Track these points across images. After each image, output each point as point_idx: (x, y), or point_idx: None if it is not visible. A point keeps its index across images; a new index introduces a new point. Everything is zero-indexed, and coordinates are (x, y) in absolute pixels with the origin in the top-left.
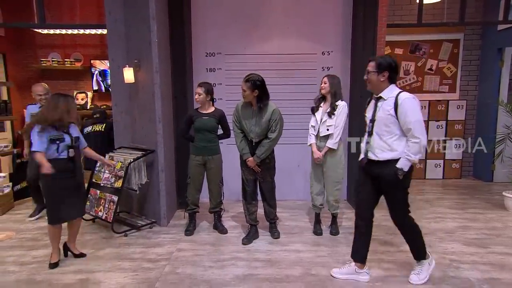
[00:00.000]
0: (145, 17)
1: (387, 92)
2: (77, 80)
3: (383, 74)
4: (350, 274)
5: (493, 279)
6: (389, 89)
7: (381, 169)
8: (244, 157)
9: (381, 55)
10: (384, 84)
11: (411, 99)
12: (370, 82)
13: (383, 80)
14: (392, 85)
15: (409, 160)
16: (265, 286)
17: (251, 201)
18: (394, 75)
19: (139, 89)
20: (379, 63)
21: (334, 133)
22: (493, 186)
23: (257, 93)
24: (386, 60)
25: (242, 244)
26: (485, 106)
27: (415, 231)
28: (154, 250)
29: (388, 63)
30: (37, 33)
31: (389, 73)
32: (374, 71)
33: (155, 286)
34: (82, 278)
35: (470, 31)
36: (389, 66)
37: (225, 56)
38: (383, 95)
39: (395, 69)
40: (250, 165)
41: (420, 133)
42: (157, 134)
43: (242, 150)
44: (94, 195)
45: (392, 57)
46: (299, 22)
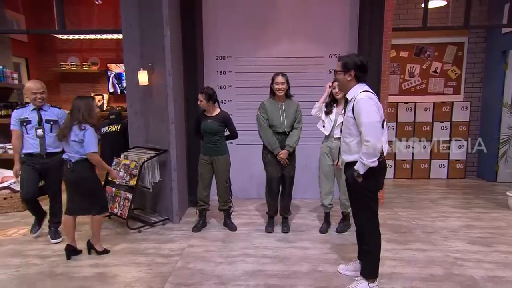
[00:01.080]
0: (158, 23)
1: (352, 92)
2: (94, 83)
3: (350, 73)
4: (356, 271)
5: (497, 277)
6: (354, 88)
7: (346, 171)
8: (275, 151)
9: (349, 54)
10: (351, 83)
11: (366, 99)
12: (338, 81)
13: (350, 80)
14: (358, 85)
15: (362, 164)
16: (273, 281)
17: (275, 196)
18: (361, 74)
19: (153, 91)
20: (345, 63)
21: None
22: (497, 186)
23: (287, 87)
24: (352, 59)
25: (266, 232)
26: (489, 108)
27: (374, 243)
28: (167, 245)
29: (354, 61)
30: (57, 38)
31: (355, 72)
32: (340, 70)
33: (168, 280)
34: (99, 272)
35: (474, 34)
36: (355, 65)
37: (235, 59)
38: (348, 96)
39: (361, 68)
40: (283, 157)
41: (371, 135)
42: (169, 134)
43: (274, 143)
44: (110, 193)
45: (360, 56)
46: (307, 26)
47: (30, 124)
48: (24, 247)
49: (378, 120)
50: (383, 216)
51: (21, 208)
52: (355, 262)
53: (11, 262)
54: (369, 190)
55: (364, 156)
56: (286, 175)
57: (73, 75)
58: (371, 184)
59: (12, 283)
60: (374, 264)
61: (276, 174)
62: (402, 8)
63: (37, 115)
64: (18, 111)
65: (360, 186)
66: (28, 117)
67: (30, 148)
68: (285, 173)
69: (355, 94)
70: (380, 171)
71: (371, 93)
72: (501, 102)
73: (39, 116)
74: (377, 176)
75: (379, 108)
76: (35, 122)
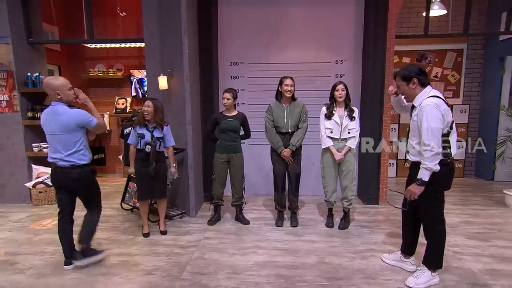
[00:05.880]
0: (177, 32)
1: (418, 98)
2: (118, 88)
3: (413, 81)
4: (396, 261)
5: (494, 270)
6: (420, 95)
7: (411, 171)
8: (279, 150)
9: (401, 67)
10: (417, 91)
11: (431, 105)
12: (404, 94)
13: (415, 87)
14: (424, 90)
15: (425, 169)
16: (283, 272)
17: (282, 192)
18: (423, 78)
19: (172, 95)
20: (403, 75)
21: (356, 135)
22: (494, 184)
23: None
24: (409, 69)
25: (276, 226)
26: (487, 111)
27: (440, 237)
28: (184, 237)
29: (412, 70)
30: (86, 47)
31: (417, 78)
32: (402, 83)
33: (185, 269)
34: (124, 260)
35: (473, 41)
36: (414, 73)
37: (248, 65)
38: (415, 103)
39: (421, 73)
40: (286, 155)
41: (431, 140)
42: (187, 135)
43: (278, 142)
44: (133, 188)
45: (414, 64)
46: (316, 33)
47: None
48: (57, 236)
49: (439, 127)
50: (386, 212)
51: (54, 201)
52: (397, 253)
53: (46, 250)
54: (437, 191)
55: (426, 160)
56: (291, 172)
57: (99, 80)
58: (439, 185)
59: (48, 268)
60: (440, 257)
61: (281, 171)
62: (405, 17)
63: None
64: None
65: (429, 188)
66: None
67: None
68: (290, 170)
69: (422, 100)
70: (449, 172)
71: (439, 98)
72: (499, 105)
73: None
74: (447, 177)
75: (446, 113)
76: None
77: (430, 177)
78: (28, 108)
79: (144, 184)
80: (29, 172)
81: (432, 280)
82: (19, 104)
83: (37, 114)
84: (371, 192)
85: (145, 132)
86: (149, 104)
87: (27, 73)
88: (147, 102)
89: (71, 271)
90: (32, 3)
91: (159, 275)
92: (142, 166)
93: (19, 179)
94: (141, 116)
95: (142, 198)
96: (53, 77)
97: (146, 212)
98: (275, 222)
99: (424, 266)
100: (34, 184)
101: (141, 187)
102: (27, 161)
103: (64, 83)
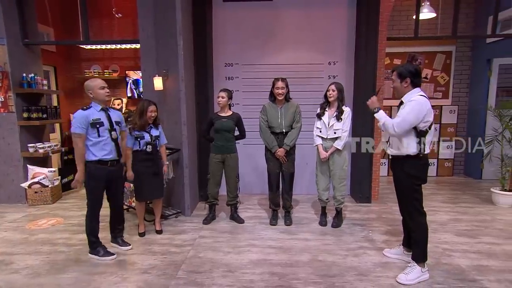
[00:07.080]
0: (173, 33)
1: (408, 96)
2: (114, 88)
3: (406, 80)
4: (397, 255)
5: (482, 266)
6: (410, 93)
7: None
8: (273, 149)
9: (402, 64)
10: (407, 89)
11: (418, 102)
12: (395, 89)
13: (406, 86)
14: (414, 90)
15: (385, 120)
16: (277, 270)
17: (276, 191)
18: (416, 80)
19: (167, 95)
20: (400, 72)
21: (342, 136)
22: (482, 183)
23: (287, 91)
24: (406, 68)
25: (270, 224)
26: (475, 111)
27: (422, 230)
28: (180, 236)
29: (408, 70)
30: (81, 48)
31: (411, 78)
32: (396, 79)
33: (181, 267)
34: (120, 259)
35: (462, 44)
36: (409, 73)
37: (242, 66)
38: (404, 99)
39: (415, 74)
40: (280, 155)
41: (400, 126)
42: (182, 135)
43: (272, 142)
44: (128, 188)
45: (412, 64)
46: (309, 35)
47: (103, 126)
48: (52, 236)
49: (413, 122)
50: (378, 210)
51: (50, 201)
52: (399, 247)
53: (42, 250)
54: (415, 184)
55: (389, 123)
56: (285, 171)
57: None
58: (416, 178)
59: (43, 268)
60: (423, 249)
61: (275, 170)
62: (396, 19)
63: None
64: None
65: (407, 181)
66: (100, 118)
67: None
68: (284, 169)
69: (411, 97)
70: (423, 166)
71: (426, 98)
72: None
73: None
74: (421, 171)
75: (428, 112)
76: (107, 124)
77: (408, 170)
78: (23, 108)
79: (145, 185)
80: (24, 172)
81: (422, 276)
82: (14, 104)
83: (32, 114)
84: (363, 191)
85: (143, 133)
86: (154, 109)
87: (23, 74)
88: (152, 107)
89: (67, 270)
90: (28, 4)
91: (154, 274)
92: (143, 166)
93: (14, 180)
94: (146, 121)
95: (142, 199)
96: (91, 79)
97: (143, 212)
98: (269, 220)
99: (414, 263)
100: (29, 185)
101: (142, 187)
102: (22, 162)
103: (96, 84)
